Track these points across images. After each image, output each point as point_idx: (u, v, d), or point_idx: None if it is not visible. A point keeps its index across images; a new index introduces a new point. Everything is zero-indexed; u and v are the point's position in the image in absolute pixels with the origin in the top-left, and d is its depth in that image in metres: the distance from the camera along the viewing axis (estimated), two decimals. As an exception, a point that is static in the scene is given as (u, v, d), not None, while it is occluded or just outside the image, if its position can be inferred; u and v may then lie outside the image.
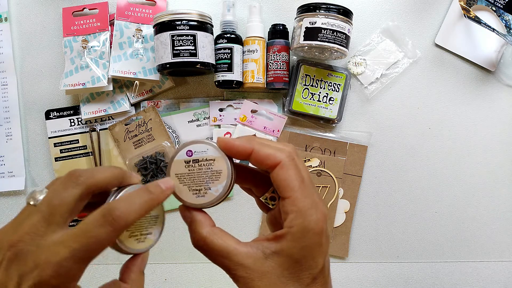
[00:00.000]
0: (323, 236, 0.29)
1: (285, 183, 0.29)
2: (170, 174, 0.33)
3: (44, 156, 0.66)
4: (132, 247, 0.31)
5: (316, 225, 0.28)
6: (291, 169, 0.29)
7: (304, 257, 0.28)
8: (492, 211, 0.67)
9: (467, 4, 0.64)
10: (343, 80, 0.64)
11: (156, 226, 0.33)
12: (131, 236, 0.31)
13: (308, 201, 0.28)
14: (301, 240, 0.28)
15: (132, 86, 0.64)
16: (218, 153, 0.32)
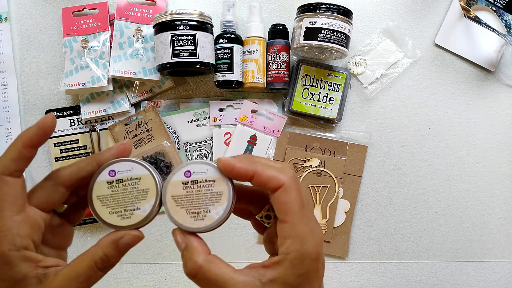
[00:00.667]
0: (320, 261, 0.28)
1: (286, 207, 0.28)
2: (167, 196, 0.30)
3: (44, 156, 0.66)
4: (115, 224, 0.30)
5: (314, 251, 0.28)
6: (293, 192, 0.28)
7: (301, 284, 0.28)
8: (492, 211, 0.67)
9: (467, 4, 0.64)
10: (343, 80, 0.64)
11: (146, 200, 0.30)
12: (112, 213, 0.30)
13: (306, 227, 0.28)
14: (299, 267, 0.28)
15: (132, 86, 0.64)
16: (218, 174, 0.30)
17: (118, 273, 0.66)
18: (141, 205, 0.30)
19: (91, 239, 0.66)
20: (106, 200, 0.31)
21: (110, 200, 0.31)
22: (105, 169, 0.31)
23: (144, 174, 0.31)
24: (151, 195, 0.31)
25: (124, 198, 0.31)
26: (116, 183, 0.31)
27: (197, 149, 0.65)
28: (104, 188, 0.31)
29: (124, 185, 0.31)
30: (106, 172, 0.31)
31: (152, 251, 0.66)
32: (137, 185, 0.31)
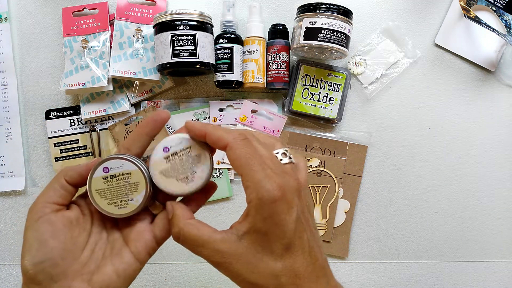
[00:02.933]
0: (282, 204, 0.29)
1: (235, 163, 0.30)
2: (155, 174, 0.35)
3: (44, 156, 0.66)
4: (113, 212, 0.35)
5: (270, 194, 0.29)
6: (238, 149, 0.30)
7: (269, 228, 0.29)
8: (492, 211, 0.67)
9: (467, 4, 0.64)
10: (343, 80, 0.64)
11: (138, 192, 0.35)
12: (109, 204, 0.35)
13: (259, 175, 0.29)
14: (261, 212, 0.29)
15: (132, 86, 0.64)
16: (192, 142, 0.35)
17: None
18: (134, 196, 0.35)
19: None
20: (103, 193, 0.35)
21: (107, 193, 0.35)
22: (99, 166, 0.35)
23: (133, 169, 0.35)
24: (141, 187, 0.35)
25: (118, 190, 0.35)
26: (110, 178, 0.35)
27: (197, 149, 0.65)
28: (101, 183, 0.35)
29: (118, 180, 0.35)
30: (101, 169, 0.35)
31: (152, 251, 0.66)
32: (129, 179, 0.35)
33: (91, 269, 0.34)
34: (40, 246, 0.32)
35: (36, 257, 0.32)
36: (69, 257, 0.33)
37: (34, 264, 0.32)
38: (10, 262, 0.66)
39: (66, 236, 0.33)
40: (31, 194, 0.66)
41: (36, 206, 0.33)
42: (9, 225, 0.66)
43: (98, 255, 0.35)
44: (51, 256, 0.32)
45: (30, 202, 0.65)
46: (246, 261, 0.30)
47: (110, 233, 0.37)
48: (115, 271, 0.34)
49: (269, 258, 0.30)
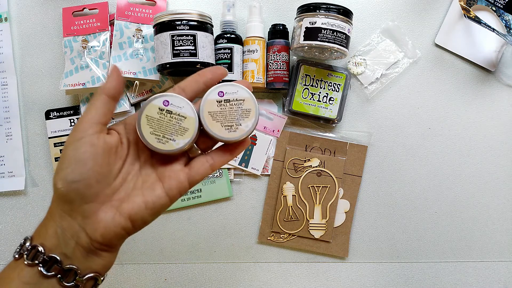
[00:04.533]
0: None
1: None
2: (204, 112, 0.36)
3: (44, 156, 0.66)
4: (151, 144, 0.36)
5: None
6: None
7: None
8: (492, 211, 0.67)
9: (467, 4, 0.64)
10: (343, 80, 0.64)
11: (183, 137, 0.36)
12: (152, 133, 0.36)
13: None
14: None
15: (132, 86, 0.64)
16: (247, 94, 0.37)
17: (118, 273, 0.66)
18: (178, 138, 0.36)
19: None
20: (152, 124, 0.36)
21: (156, 126, 0.36)
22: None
23: (188, 114, 0.36)
24: (189, 133, 0.36)
25: (167, 127, 0.36)
26: (165, 113, 0.36)
27: (197, 149, 0.65)
28: (155, 112, 0.36)
29: (170, 116, 0.36)
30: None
31: (152, 251, 0.66)
32: (181, 122, 0.36)
33: (121, 196, 0.35)
34: (78, 165, 0.33)
35: (72, 175, 0.33)
36: (103, 181, 0.34)
37: (69, 182, 0.33)
38: (10, 262, 0.66)
39: (104, 160, 0.34)
40: (31, 194, 0.66)
41: (80, 125, 0.34)
42: (9, 225, 0.66)
43: (129, 185, 0.36)
44: (87, 176, 0.33)
45: (30, 202, 0.66)
46: None
47: (143, 166, 0.37)
48: (144, 202, 0.35)
49: None
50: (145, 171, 0.37)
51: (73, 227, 0.33)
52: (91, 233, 0.33)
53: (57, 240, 0.33)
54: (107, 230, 0.34)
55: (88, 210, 0.33)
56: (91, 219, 0.33)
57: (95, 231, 0.33)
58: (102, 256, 0.35)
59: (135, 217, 0.35)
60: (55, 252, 0.33)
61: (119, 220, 0.34)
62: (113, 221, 0.34)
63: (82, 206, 0.33)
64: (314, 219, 0.65)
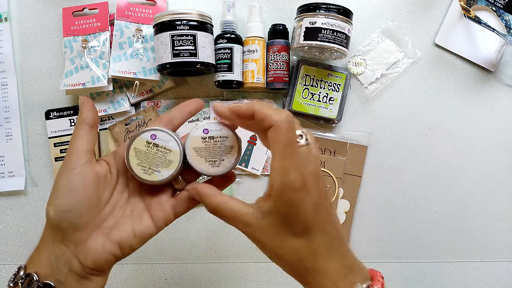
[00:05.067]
0: (303, 192, 0.32)
1: (274, 144, 0.32)
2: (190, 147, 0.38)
3: (44, 156, 0.66)
4: (137, 174, 0.38)
5: (294, 181, 0.32)
6: (282, 132, 0.32)
7: (290, 211, 0.32)
8: (492, 211, 0.67)
9: (467, 4, 0.64)
10: (343, 80, 0.64)
11: (167, 169, 0.38)
12: (139, 165, 0.38)
13: (289, 161, 0.32)
14: (283, 197, 0.32)
15: (132, 86, 0.64)
16: (230, 132, 0.39)
17: (118, 273, 0.66)
18: (163, 169, 0.38)
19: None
20: (139, 156, 0.38)
21: (142, 157, 0.38)
22: (147, 132, 0.38)
23: (173, 148, 0.38)
24: (173, 164, 0.38)
25: (153, 159, 0.38)
26: (151, 146, 0.38)
27: (197, 149, 0.65)
28: (142, 145, 0.38)
29: (157, 149, 0.38)
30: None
31: (152, 251, 0.66)
32: (166, 154, 0.38)
33: (110, 224, 0.37)
34: (70, 195, 0.35)
35: (65, 205, 0.34)
36: (93, 209, 0.36)
37: (62, 211, 0.34)
38: (10, 262, 0.66)
39: (94, 189, 0.36)
40: (31, 194, 0.66)
41: (71, 156, 0.36)
42: (9, 225, 0.66)
43: (118, 213, 0.38)
44: (79, 206, 0.35)
45: (30, 202, 0.66)
46: (270, 235, 0.34)
47: (131, 195, 0.39)
48: (133, 231, 0.37)
49: (290, 235, 0.33)
50: (133, 200, 0.39)
51: (66, 254, 0.35)
52: (83, 260, 0.35)
53: (51, 267, 0.35)
54: (98, 256, 0.35)
55: (79, 237, 0.35)
56: (83, 246, 0.35)
57: (86, 258, 0.35)
58: (93, 280, 0.37)
59: (124, 245, 0.37)
60: (49, 279, 0.34)
61: (109, 247, 0.36)
62: (103, 248, 0.36)
63: (74, 234, 0.35)
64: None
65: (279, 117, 0.32)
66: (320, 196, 0.34)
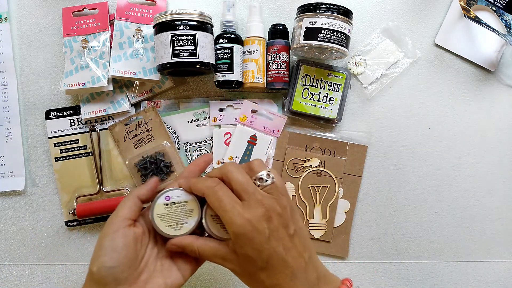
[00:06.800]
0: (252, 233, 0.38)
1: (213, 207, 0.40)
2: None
3: (44, 156, 0.66)
4: (169, 233, 0.43)
5: (240, 230, 0.38)
6: (211, 196, 0.40)
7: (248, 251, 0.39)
8: (492, 211, 0.67)
9: (467, 4, 0.64)
10: (343, 80, 0.64)
11: (191, 217, 0.44)
12: (167, 226, 0.43)
13: (230, 214, 0.39)
14: (238, 242, 0.39)
15: (132, 86, 0.64)
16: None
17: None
18: (188, 220, 0.44)
19: (91, 238, 0.66)
20: (163, 217, 0.43)
21: (166, 217, 0.44)
22: (162, 195, 0.44)
23: (190, 199, 0.44)
24: (194, 213, 0.44)
25: (176, 215, 0.44)
26: (171, 205, 0.44)
27: (197, 149, 0.65)
28: (162, 208, 0.44)
29: (176, 207, 0.44)
30: (163, 197, 0.44)
31: (152, 251, 0.66)
32: (185, 207, 0.44)
33: (144, 278, 0.42)
34: (114, 253, 0.40)
35: (110, 262, 0.39)
36: (132, 266, 0.41)
37: (107, 267, 0.39)
38: (10, 262, 0.66)
39: (134, 248, 0.41)
40: (31, 194, 0.66)
41: (115, 219, 0.42)
42: (9, 225, 0.66)
43: (151, 267, 0.43)
44: (122, 263, 0.40)
45: (30, 202, 0.66)
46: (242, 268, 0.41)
47: (160, 250, 0.45)
48: (164, 283, 0.42)
49: (256, 269, 0.40)
50: (161, 255, 0.45)
51: None
52: None
53: None
54: None
55: None
56: None
57: None
58: None
59: None
60: None
61: None
62: None
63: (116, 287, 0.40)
64: (314, 219, 0.65)
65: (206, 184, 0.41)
66: (275, 230, 0.40)
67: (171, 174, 0.64)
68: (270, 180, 0.41)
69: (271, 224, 0.39)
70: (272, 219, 0.40)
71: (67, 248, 0.66)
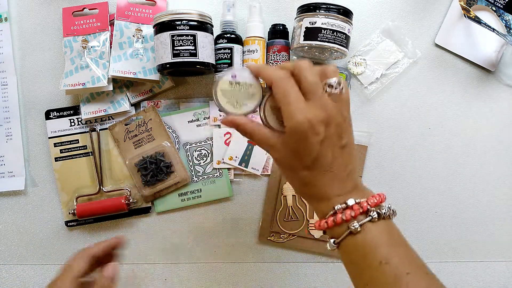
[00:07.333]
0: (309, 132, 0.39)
1: (276, 97, 0.40)
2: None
3: (44, 156, 0.66)
4: (228, 110, 0.44)
5: (299, 125, 0.39)
6: (278, 87, 0.40)
7: (299, 147, 0.40)
8: (492, 211, 0.67)
9: (467, 4, 0.64)
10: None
11: (251, 100, 0.44)
12: (227, 103, 0.44)
13: (292, 108, 0.39)
14: (293, 136, 0.40)
15: (132, 86, 0.64)
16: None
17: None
18: (249, 102, 0.44)
19: (91, 238, 0.66)
20: (226, 93, 0.44)
21: (229, 94, 0.44)
22: (229, 72, 0.44)
23: (255, 82, 0.44)
24: (256, 97, 0.44)
25: (239, 94, 0.44)
26: (235, 84, 0.44)
27: (197, 149, 0.65)
28: (227, 84, 0.44)
29: (241, 86, 0.44)
30: (230, 74, 0.44)
31: (152, 251, 0.66)
32: (249, 89, 0.44)
33: None
34: None
35: None
36: None
37: None
38: (10, 262, 0.66)
39: None
40: (31, 194, 0.66)
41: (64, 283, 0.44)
42: (9, 225, 0.66)
43: None
44: None
45: (30, 202, 0.66)
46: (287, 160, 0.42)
47: None
48: None
49: (300, 166, 0.41)
50: None
51: None
52: None
53: None
54: None
55: None
56: None
57: None
58: None
59: None
60: None
61: None
62: None
63: None
64: (314, 219, 0.65)
65: (277, 74, 0.41)
66: (328, 136, 0.41)
67: (171, 174, 0.64)
68: (339, 89, 0.42)
69: (328, 129, 0.41)
70: (330, 125, 0.41)
71: (67, 248, 0.66)
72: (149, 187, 0.64)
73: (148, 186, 0.64)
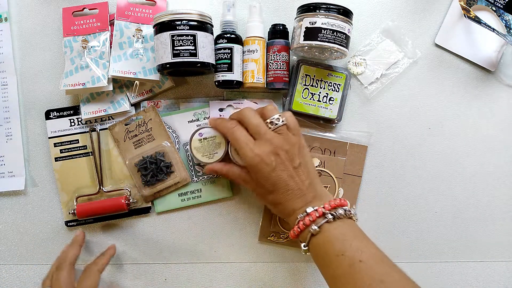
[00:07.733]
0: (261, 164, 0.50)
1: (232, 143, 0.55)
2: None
3: (44, 156, 0.66)
4: (205, 161, 0.59)
5: (252, 161, 0.51)
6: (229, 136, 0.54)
7: (258, 177, 0.52)
8: (492, 211, 0.67)
9: (467, 4, 0.64)
10: (343, 80, 0.64)
11: (220, 149, 0.59)
12: (203, 156, 0.59)
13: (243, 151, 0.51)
14: (251, 170, 0.52)
15: (132, 86, 0.64)
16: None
17: (118, 273, 0.66)
18: (218, 151, 0.59)
19: (91, 238, 0.66)
20: (199, 149, 0.59)
21: (201, 149, 0.59)
22: (196, 132, 0.59)
23: (217, 134, 0.59)
24: (222, 145, 0.59)
25: (208, 147, 0.59)
26: (203, 139, 0.59)
27: (197, 149, 0.65)
28: (198, 142, 0.59)
29: (208, 141, 0.59)
30: (197, 134, 0.59)
31: (152, 251, 0.66)
32: (215, 140, 0.59)
33: None
34: None
35: None
36: None
37: None
38: (10, 262, 0.66)
39: None
40: (31, 194, 0.66)
41: None
42: (9, 225, 0.66)
43: None
44: None
45: (30, 202, 0.66)
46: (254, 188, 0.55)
47: None
48: None
49: (264, 191, 0.52)
50: None
51: None
52: None
53: None
54: None
55: None
56: None
57: None
58: None
59: None
60: None
61: None
62: None
63: None
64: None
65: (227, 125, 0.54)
66: (281, 164, 0.50)
67: (171, 174, 0.64)
68: (281, 123, 0.51)
69: (278, 158, 0.50)
70: (279, 153, 0.50)
71: (67, 248, 0.66)
72: (149, 187, 0.64)
73: (148, 186, 0.64)
